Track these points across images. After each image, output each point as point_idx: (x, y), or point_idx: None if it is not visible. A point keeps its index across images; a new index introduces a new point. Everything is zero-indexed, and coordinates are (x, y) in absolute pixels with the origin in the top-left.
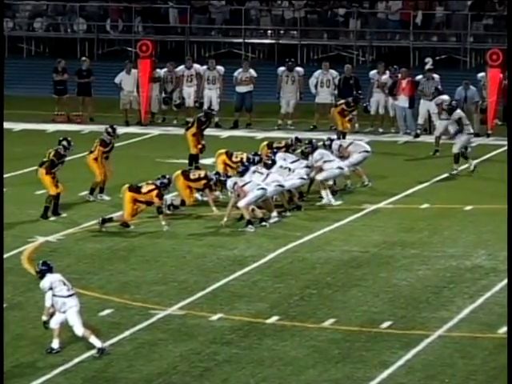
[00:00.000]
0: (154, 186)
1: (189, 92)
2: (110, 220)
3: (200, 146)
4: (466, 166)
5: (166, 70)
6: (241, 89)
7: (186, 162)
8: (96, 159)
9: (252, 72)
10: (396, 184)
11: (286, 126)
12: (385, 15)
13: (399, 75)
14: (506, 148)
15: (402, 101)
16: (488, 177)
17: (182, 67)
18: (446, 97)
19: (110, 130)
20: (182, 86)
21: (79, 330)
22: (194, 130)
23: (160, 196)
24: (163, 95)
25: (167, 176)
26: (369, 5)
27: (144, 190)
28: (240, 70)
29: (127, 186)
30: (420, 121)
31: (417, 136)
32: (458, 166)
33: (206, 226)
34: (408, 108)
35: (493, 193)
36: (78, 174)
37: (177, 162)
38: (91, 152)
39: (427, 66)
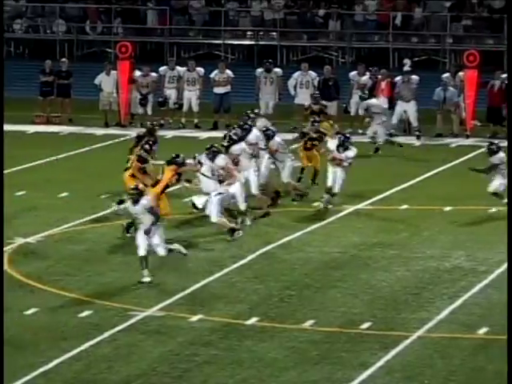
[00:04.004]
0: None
1: (170, 93)
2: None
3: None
4: None
5: (140, 73)
6: (218, 90)
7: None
8: (133, 175)
9: (229, 73)
10: (375, 185)
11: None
12: (363, 17)
13: (379, 76)
14: (484, 149)
15: (382, 102)
16: (467, 178)
17: (164, 68)
18: (374, 100)
19: (146, 146)
20: (163, 86)
21: None
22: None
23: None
24: (138, 97)
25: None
26: (347, 6)
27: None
28: (217, 71)
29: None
30: (394, 121)
31: (390, 136)
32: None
33: (185, 227)
34: (387, 109)
35: (472, 194)
36: (57, 175)
37: (156, 164)
38: (127, 169)
39: (405, 68)
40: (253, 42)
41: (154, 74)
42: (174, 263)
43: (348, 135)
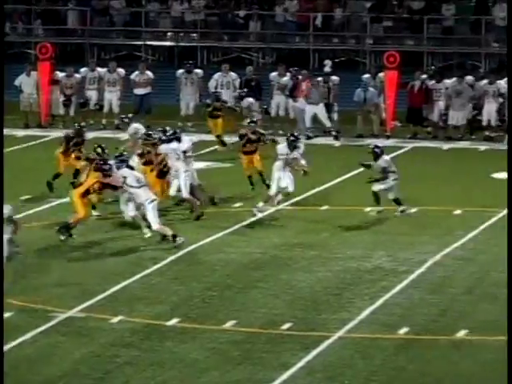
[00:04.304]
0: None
1: (90, 94)
2: None
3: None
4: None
5: (64, 74)
6: (139, 91)
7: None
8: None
9: (149, 74)
10: (296, 186)
11: (187, 128)
12: (283, 17)
13: (300, 77)
14: (406, 149)
15: (302, 103)
16: None
17: (85, 69)
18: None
19: (99, 150)
20: (84, 88)
21: None
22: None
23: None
24: (62, 99)
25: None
26: (268, 7)
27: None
28: (137, 72)
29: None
30: (307, 124)
31: (309, 138)
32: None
33: (106, 229)
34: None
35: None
36: None
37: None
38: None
39: (326, 69)
40: (173, 43)
41: (77, 76)
42: (95, 264)
43: (296, 134)
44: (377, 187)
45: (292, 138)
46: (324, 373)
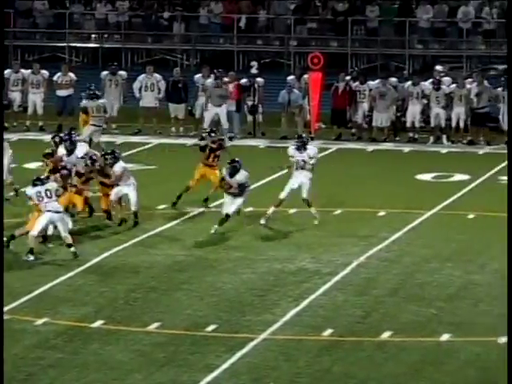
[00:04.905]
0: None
1: (15, 96)
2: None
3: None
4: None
5: None
6: (61, 93)
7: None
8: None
9: (71, 75)
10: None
11: (111, 130)
12: (208, 19)
13: (225, 79)
14: (330, 151)
15: (230, 104)
16: (312, 180)
17: (8, 71)
18: None
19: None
20: (7, 89)
21: None
22: None
23: None
24: None
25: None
26: (192, 9)
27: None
28: (59, 73)
29: None
30: (205, 125)
31: (231, 139)
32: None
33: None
34: (235, 112)
35: (316, 196)
36: None
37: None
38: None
39: (252, 70)
40: (97, 45)
41: (5, 73)
42: (19, 266)
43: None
44: (229, 209)
45: (300, 140)
46: (249, 375)
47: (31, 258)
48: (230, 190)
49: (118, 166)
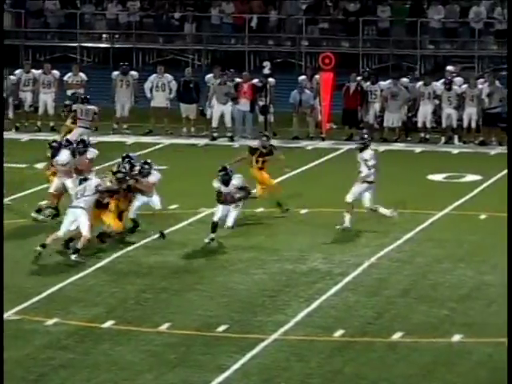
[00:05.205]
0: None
1: (25, 96)
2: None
3: None
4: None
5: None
6: (71, 92)
7: (19, 166)
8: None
9: (82, 75)
10: None
11: (122, 130)
12: (219, 19)
13: (237, 79)
14: (341, 151)
15: (244, 104)
16: (323, 181)
17: (19, 71)
18: None
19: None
20: (18, 89)
21: None
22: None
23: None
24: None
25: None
26: (204, 9)
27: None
28: (70, 73)
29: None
30: (214, 124)
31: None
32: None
33: (42, 230)
34: (249, 112)
35: (329, 197)
36: None
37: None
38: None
39: (265, 71)
40: (108, 45)
41: (12, 77)
42: (30, 266)
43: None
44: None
45: (362, 141)
46: (260, 375)
47: (77, 258)
48: (231, 201)
49: (155, 176)
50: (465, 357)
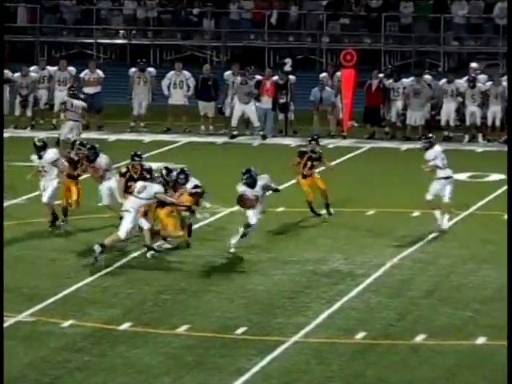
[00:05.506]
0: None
1: (41, 93)
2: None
3: None
4: None
5: (19, 74)
6: (89, 90)
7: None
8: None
9: (99, 73)
10: None
11: (139, 128)
12: (238, 15)
13: (258, 76)
14: (363, 150)
15: (265, 102)
16: (345, 180)
17: (35, 68)
18: None
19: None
20: (35, 87)
21: None
22: None
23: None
24: (18, 99)
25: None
26: (222, 5)
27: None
28: (87, 70)
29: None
30: (233, 123)
31: (264, 138)
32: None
33: (57, 231)
34: (271, 110)
35: (350, 196)
36: None
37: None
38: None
39: (286, 68)
40: (125, 42)
41: (33, 75)
42: (45, 267)
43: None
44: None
45: (427, 140)
46: (279, 378)
47: (153, 253)
48: (251, 206)
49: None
50: (489, 359)
